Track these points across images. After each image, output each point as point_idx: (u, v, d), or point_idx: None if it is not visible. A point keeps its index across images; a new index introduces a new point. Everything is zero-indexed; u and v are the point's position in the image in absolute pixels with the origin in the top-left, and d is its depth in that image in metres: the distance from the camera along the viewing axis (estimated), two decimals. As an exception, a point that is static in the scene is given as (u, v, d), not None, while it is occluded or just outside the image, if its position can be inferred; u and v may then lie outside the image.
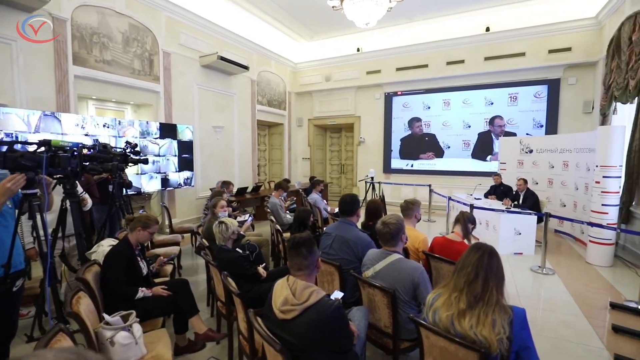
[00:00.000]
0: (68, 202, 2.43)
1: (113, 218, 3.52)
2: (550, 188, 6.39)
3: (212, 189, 6.17)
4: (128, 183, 4.25)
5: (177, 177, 6.15)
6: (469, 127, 8.40)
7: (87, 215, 3.23)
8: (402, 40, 8.61)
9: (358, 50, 9.30)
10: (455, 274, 1.53)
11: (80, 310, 1.70)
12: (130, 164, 3.63)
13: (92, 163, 2.49)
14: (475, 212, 4.68)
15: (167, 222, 5.13)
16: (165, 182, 5.94)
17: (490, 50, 7.71)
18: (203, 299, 3.38)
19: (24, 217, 2.10)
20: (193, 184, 6.52)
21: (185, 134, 6.28)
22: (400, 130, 9.26)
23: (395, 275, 2.06)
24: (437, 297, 1.56)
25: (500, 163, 7.34)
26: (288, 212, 5.25)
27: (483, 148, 8.29)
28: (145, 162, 3.86)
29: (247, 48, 8.14)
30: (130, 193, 4.80)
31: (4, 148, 2.01)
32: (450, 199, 6.26)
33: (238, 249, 2.86)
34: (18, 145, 2.09)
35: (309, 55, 9.97)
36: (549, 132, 7.42)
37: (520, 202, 5.54)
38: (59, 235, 2.56)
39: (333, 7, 5.87)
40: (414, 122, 9.06)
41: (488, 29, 7.66)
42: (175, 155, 6.10)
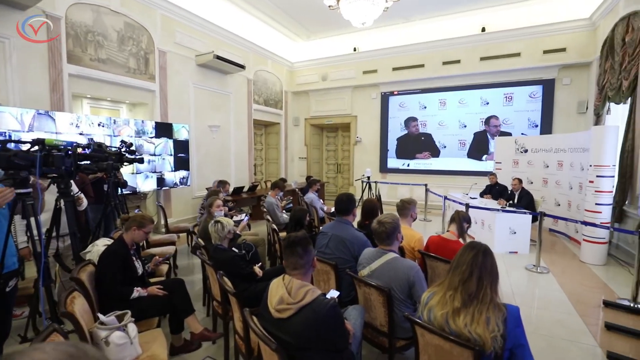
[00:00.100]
0: (62, 201, 2.41)
1: (108, 218, 3.50)
2: (545, 187, 6.44)
3: (208, 189, 6.15)
4: (123, 182, 4.22)
5: (172, 176, 6.12)
6: (465, 126, 8.44)
7: (82, 215, 3.21)
8: (398, 40, 8.63)
9: (355, 50, 9.31)
10: (450, 273, 1.54)
11: (75, 310, 1.69)
12: (126, 164, 3.62)
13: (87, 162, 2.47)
14: (471, 211, 4.70)
15: (162, 221, 5.11)
16: (161, 181, 5.92)
17: (486, 51, 7.76)
18: (199, 299, 3.37)
19: (17, 216, 2.08)
20: (189, 184, 6.50)
21: (181, 133, 6.25)
22: (397, 130, 9.29)
23: (391, 274, 2.06)
24: (432, 295, 1.57)
25: (496, 163, 7.38)
26: (284, 211, 5.25)
27: (479, 148, 8.34)
28: (141, 161, 3.86)
29: (243, 47, 8.11)
30: (126, 192, 4.77)
31: (-3, 147, 2.00)
32: (446, 199, 6.29)
33: (234, 249, 2.86)
34: (11, 144, 2.07)
35: (306, 55, 9.97)
36: (544, 132, 7.48)
37: (515, 201, 5.57)
38: (53, 235, 2.54)
39: (329, 6, 5.86)
40: (410, 121, 9.09)
41: (484, 29, 7.70)
42: (171, 155, 6.07)
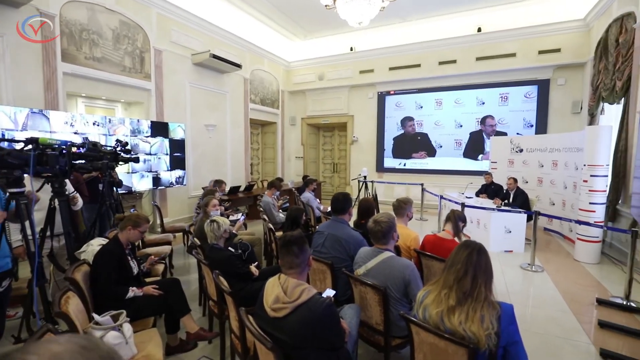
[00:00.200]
0: (57, 200, 2.39)
1: (103, 217, 3.48)
2: (540, 187, 6.48)
3: (204, 188, 6.12)
4: (118, 182, 4.20)
5: (168, 175, 6.09)
6: (461, 126, 8.48)
7: (77, 215, 3.19)
8: (395, 40, 8.65)
9: (351, 50, 9.31)
10: (445, 271, 1.55)
11: (69, 310, 1.68)
12: (121, 163, 3.60)
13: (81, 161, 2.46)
14: (467, 210, 4.74)
15: (158, 221, 5.09)
16: (157, 180, 5.89)
17: (482, 51, 7.80)
18: (195, 298, 3.36)
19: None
20: (185, 183, 6.47)
21: (177, 133, 6.22)
22: (393, 130, 9.31)
23: (387, 273, 2.07)
24: (427, 294, 1.58)
25: (491, 162, 7.42)
26: (281, 211, 5.24)
27: (474, 147, 8.38)
28: (136, 160, 3.84)
29: (239, 46, 8.09)
30: (121, 192, 4.75)
31: (-10, 146, 1.98)
32: (442, 198, 6.31)
33: (230, 248, 2.85)
34: (5, 143, 2.05)
35: (302, 54, 9.96)
36: (539, 131, 7.54)
37: (511, 200, 5.61)
38: (47, 235, 2.53)
39: (326, 6, 5.86)
40: (407, 121, 9.12)
41: (480, 30, 7.74)
42: (167, 154, 6.04)
